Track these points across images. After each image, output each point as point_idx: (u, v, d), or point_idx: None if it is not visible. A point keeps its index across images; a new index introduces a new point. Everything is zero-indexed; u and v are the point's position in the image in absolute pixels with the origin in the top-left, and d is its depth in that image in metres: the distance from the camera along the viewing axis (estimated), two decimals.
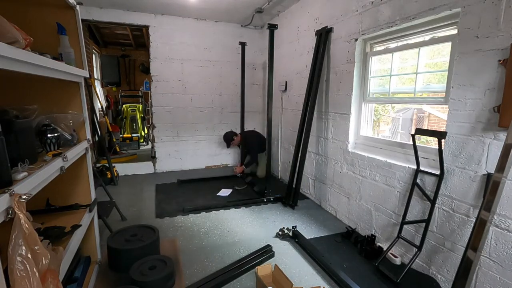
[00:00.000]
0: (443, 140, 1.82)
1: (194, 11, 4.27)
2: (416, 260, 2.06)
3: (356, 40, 2.67)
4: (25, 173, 1.04)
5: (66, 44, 1.58)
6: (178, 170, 4.90)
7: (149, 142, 7.00)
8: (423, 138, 2.63)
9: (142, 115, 7.42)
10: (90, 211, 1.78)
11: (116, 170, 4.27)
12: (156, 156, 4.77)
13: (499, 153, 1.46)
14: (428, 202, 1.97)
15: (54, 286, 0.99)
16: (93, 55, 6.01)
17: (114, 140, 5.42)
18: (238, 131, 4.91)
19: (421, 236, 2.00)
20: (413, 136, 1.97)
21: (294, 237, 2.54)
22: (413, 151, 2.03)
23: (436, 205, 1.95)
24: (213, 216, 3.04)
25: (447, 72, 1.97)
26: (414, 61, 2.26)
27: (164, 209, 3.20)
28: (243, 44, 4.41)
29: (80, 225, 1.55)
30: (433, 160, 2.06)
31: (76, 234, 1.47)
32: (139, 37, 6.34)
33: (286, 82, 4.17)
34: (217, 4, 3.91)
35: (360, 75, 2.75)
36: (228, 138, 4.58)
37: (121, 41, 6.93)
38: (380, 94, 2.66)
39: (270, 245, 2.35)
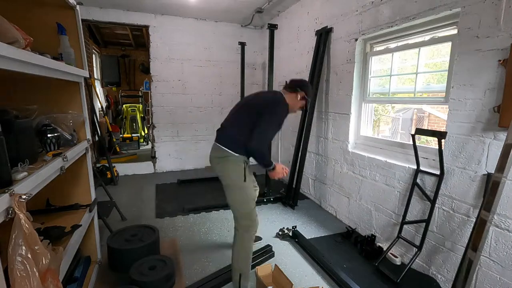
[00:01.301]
0: (443, 140, 1.82)
1: (194, 11, 4.27)
2: (416, 260, 2.06)
3: (356, 40, 2.67)
4: (25, 173, 1.04)
5: (66, 44, 1.58)
6: (178, 170, 4.90)
7: (149, 142, 7.00)
8: (423, 138, 2.63)
9: (142, 115, 7.41)
10: (90, 211, 1.78)
11: (116, 170, 4.27)
12: (156, 156, 4.77)
13: (499, 153, 1.46)
14: (428, 202, 1.97)
15: (54, 286, 0.99)
16: (93, 55, 6.01)
17: (114, 140, 5.42)
18: None
19: (421, 236, 2.00)
20: (413, 136, 1.97)
21: (294, 237, 2.53)
22: (413, 151, 2.03)
23: (436, 205, 1.95)
24: (213, 216, 3.04)
25: (447, 72, 1.97)
26: (414, 61, 2.26)
27: (164, 209, 3.20)
28: (243, 44, 4.41)
29: (80, 225, 1.55)
30: (433, 160, 2.06)
31: (76, 234, 1.47)
32: (139, 37, 6.33)
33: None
34: (217, 4, 3.91)
35: (360, 75, 2.75)
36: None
37: (121, 41, 6.92)
38: (380, 94, 2.66)
39: (270, 245, 2.35)
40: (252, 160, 1.80)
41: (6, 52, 0.86)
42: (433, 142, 2.36)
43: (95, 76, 6.01)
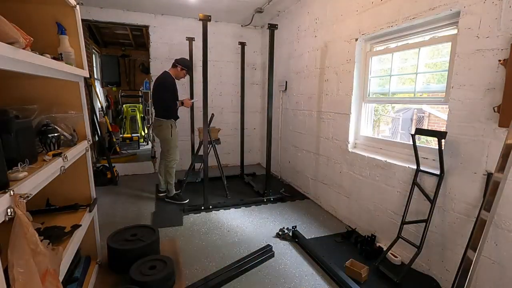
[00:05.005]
0: (443, 140, 1.82)
1: (194, 11, 4.27)
2: (416, 260, 2.06)
3: (356, 40, 2.67)
4: (25, 173, 1.03)
5: (66, 44, 1.58)
6: (178, 170, 4.87)
7: (149, 142, 7.00)
8: (423, 138, 2.63)
9: (142, 115, 7.41)
10: (90, 211, 1.78)
11: (116, 170, 4.27)
12: (156, 156, 4.77)
13: (499, 153, 1.46)
14: (428, 202, 1.97)
15: (54, 286, 0.99)
16: (93, 55, 6.00)
17: (114, 140, 5.41)
18: (238, 131, 4.89)
19: (421, 236, 2.00)
20: (413, 136, 1.97)
21: (294, 237, 2.54)
22: (413, 151, 2.03)
23: (436, 205, 1.95)
24: (213, 216, 3.04)
25: (447, 72, 1.97)
26: (414, 61, 2.26)
27: (164, 209, 3.20)
28: (243, 44, 4.40)
29: (80, 225, 1.55)
30: (433, 160, 2.06)
31: (76, 234, 1.47)
32: (139, 37, 6.33)
33: (286, 82, 4.16)
34: (217, 4, 3.91)
35: (360, 75, 2.75)
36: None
37: (121, 41, 6.92)
38: (380, 94, 2.66)
39: (270, 245, 2.35)
40: None
41: (6, 52, 0.86)
42: (433, 142, 2.36)
43: (95, 76, 6.01)
